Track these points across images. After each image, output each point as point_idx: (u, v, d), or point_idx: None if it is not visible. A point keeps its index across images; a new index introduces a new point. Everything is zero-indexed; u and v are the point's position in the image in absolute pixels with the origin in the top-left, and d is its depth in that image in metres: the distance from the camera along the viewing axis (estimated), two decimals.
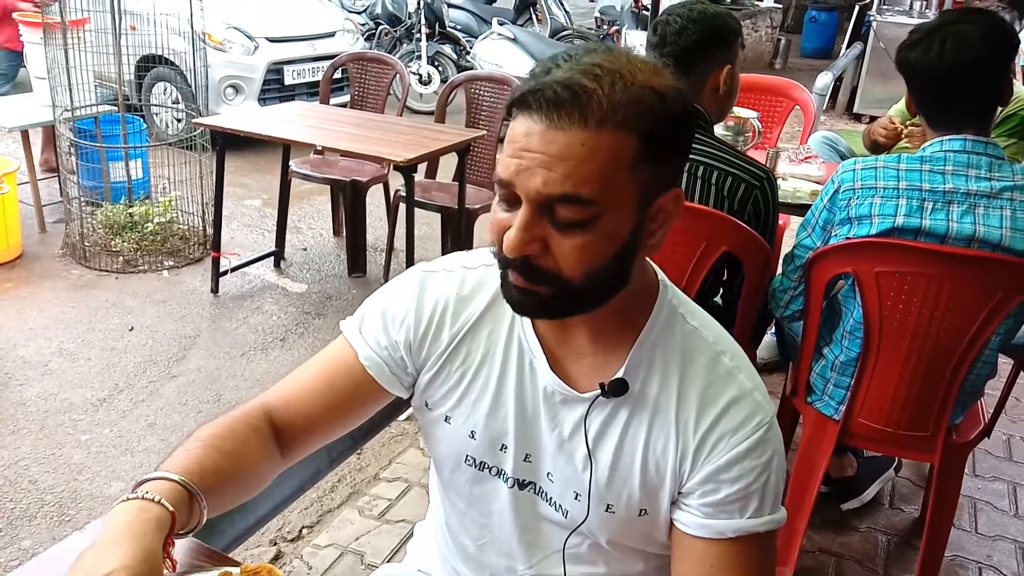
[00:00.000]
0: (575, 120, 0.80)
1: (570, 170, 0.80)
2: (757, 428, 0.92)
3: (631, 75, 0.83)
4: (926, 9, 8.08)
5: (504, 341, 1.00)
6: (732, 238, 1.88)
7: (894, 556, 2.34)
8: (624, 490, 0.97)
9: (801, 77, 4.42)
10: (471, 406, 1.02)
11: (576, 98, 0.80)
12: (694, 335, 0.96)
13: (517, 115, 0.84)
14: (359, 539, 2.31)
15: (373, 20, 8.20)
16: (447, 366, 1.03)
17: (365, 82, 4.32)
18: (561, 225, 0.83)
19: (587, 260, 0.85)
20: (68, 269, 3.97)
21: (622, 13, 8.06)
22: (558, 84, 0.81)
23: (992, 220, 1.74)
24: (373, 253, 4.31)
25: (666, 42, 1.90)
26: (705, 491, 0.93)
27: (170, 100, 5.59)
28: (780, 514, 0.95)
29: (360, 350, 1.04)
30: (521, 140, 0.83)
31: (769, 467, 0.93)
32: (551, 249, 0.84)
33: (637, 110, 0.81)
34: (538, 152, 0.81)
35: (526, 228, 0.83)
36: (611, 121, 0.80)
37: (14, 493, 2.47)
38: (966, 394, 1.92)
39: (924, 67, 1.83)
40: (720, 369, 0.94)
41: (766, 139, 3.18)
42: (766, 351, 3.09)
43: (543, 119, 0.81)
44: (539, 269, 0.85)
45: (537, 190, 0.81)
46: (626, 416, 0.95)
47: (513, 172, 0.83)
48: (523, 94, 0.83)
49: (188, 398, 3.01)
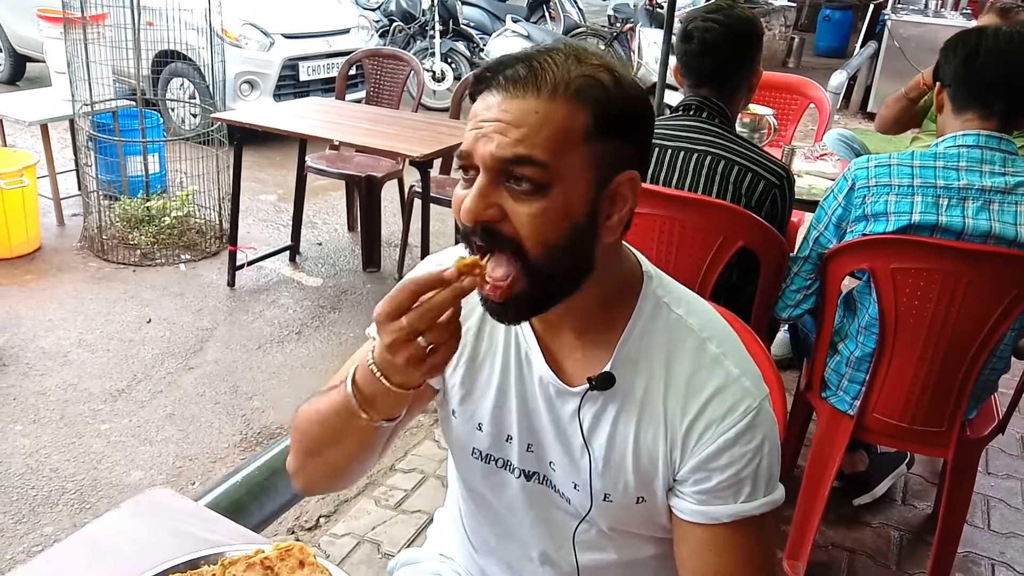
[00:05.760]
0: (529, 90, 0.85)
1: (523, 135, 0.84)
2: (745, 414, 0.93)
3: (586, 57, 0.88)
4: (941, 8, 8.05)
5: (504, 335, 1.03)
6: (750, 233, 1.90)
7: (907, 552, 2.35)
8: (619, 480, 0.98)
9: (815, 76, 4.42)
10: (477, 400, 1.05)
11: (531, 71, 0.85)
12: (679, 324, 0.97)
13: (478, 96, 0.89)
14: (375, 528, 2.34)
15: (387, 17, 8.23)
16: (455, 358, 1.04)
17: (380, 78, 4.35)
18: (517, 192, 0.85)
19: (543, 229, 0.86)
20: (86, 262, 4.02)
21: (636, 10, 8.04)
22: (516, 61, 0.87)
23: (1007, 216, 1.75)
24: (387, 248, 4.34)
25: (707, 49, 1.91)
26: (697, 479, 0.95)
27: (186, 95, 5.63)
28: (776, 494, 0.96)
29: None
30: (480, 113, 0.87)
31: (760, 451, 0.94)
32: (508, 217, 0.86)
33: (589, 83, 0.86)
34: (494, 120, 0.85)
35: (482, 194, 0.86)
36: (563, 92, 0.85)
37: (36, 481, 2.51)
38: (980, 389, 1.93)
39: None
40: (705, 357, 0.95)
41: (781, 136, 3.19)
42: (779, 348, 3.10)
43: (500, 92, 0.86)
44: (500, 234, 0.87)
45: (491, 153, 0.84)
46: (616, 409, 0.97)
47: (471, 141, 0.87)
48: (483, 72, 0.88)
49: (205, 389, 3.04)
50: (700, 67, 1.94)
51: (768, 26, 9.57)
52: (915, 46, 7.05)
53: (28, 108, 4.30)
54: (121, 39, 4.05)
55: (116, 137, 4.26)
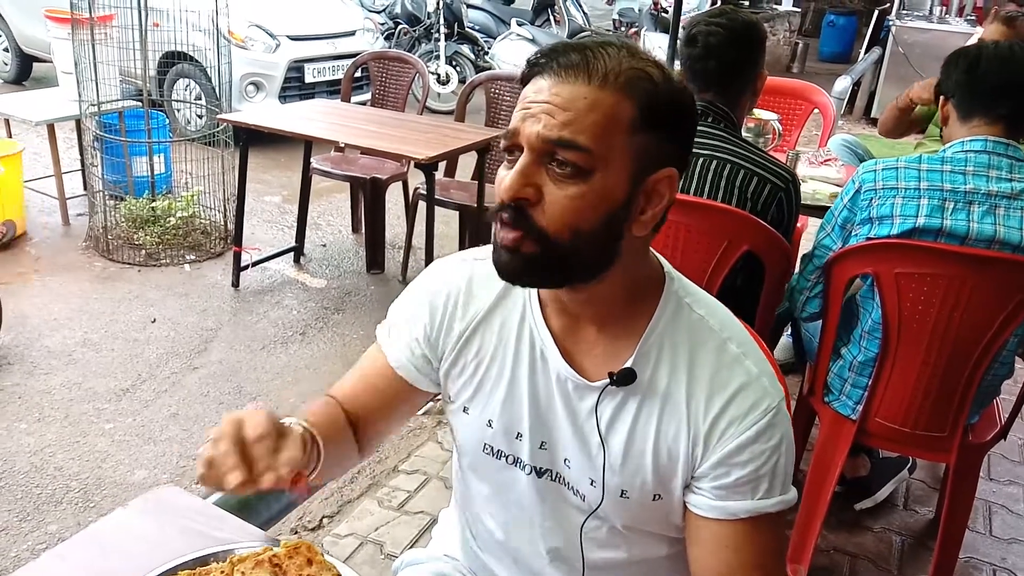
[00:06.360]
0: (580, 76, 0.87)
1: (570, 119, 0.86)
2: (765, 413, 0.94)
3: (638, 52, 0.91)
4: (946, 14, 8.06)
5: (516, 332, 1.04)
6: (754, 237, 1.91)
7: (908, 556, 2.35)
8: (637, 476, 0.99)
9: (819, 81, 4.43)
10: (487, 396, 1.06)
11: (584, 59, 0.87)
12: (700, 323, 0.98)
13: (529, 80, 0.91)
14: (378, 529, 2.34)
15: (392, 19, 8.25)
16: (462, 358, 1.07)
17: (386, 81, 4.36)
18: (557, 175, 0.87)
19: (576, 214, 0.87)
20: (91, 261, 4.03)
21: (641, 15, 8.07)
22: (570, 48, 0.89)
23: (1012, 221, 1.75)
24: (391, 250, 4.35)
25: (711, 53, 1.92)
26: (717, 475, 0.96)
27: (192, 96, 5.65)
28: (790, 495, 0.98)
29: (389, 355, 1.11)
30: (530, 96, 0.89)
31: (779, 450, 0.96)
32: (544, 201, 0.88)
33: (638, 76, 0.88)
34: (543, 102, 0.87)
35: (524, 172, 0.88)
36: (613, 83, 0.87)
37: (40, 479, 2.52)
38: (983, 394, 1.94)
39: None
40: (727, 356, 0.97)
41: (785, 141, 3.20)
42: (782, 353, 3.10)
43: (552, 76, 0.88)
44: (528, 219, 0.88)
45: (537, 132, 0.86)
46: (636, 405, 0.98)
47: (519, 120, 0.89)
48: (537, 57, 0.91)
49: (209, 389, 3.05)
50: (704, 71, 1.95)
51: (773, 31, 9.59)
52: (919, 52, 7.07)
53: (35, 108, 4.32)
54: (128, 40, 4.07)
55: (122, 137, 4.27)
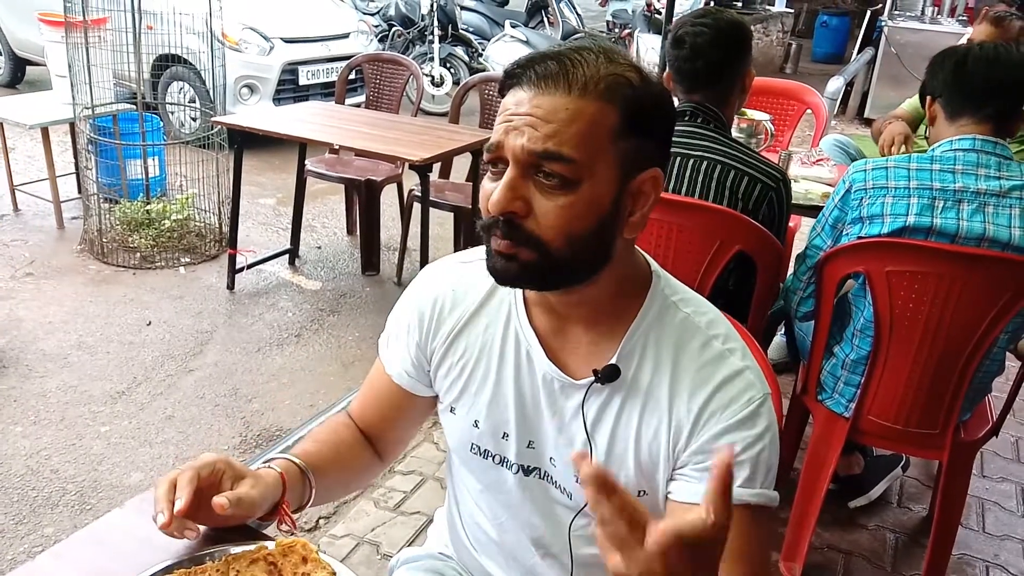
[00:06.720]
0: (560, 87, 0.87)
1: (554, 130, 0.86)
2: (748, 403, 0.95)
3: (615, 56, 0.91)
4: (938, 15, 8.09)
5: (501, 333, 1.05)
6: (746, 237, 1.92)
7: (902, 553, 2.36)
8: (621, 472, 1.00)
9: (812, 82, 4.44)
10: (473, 397, 1.07)
11: (563, 68, 0.87)
12: (687, 322, 0.99)
13: (508, 91, 0.91)
14: (375, 530, 2.35)
15: (386, 22, 8.25)
16: (448, 359, 1.08)
17: (380, 83, 4.37)
18: (545, 186, 0.88)
19: (568, 223, 0.88)
20: (86, 265, 4.03)
21: (634, 16, 8.09)
22: (547, 57, 0.89)
23: (1001, 219, 1.77)
24: (386, 252, 4.36)
25: (699, 53, 1.93)
26: (698, 460, 0.96)
27: (186, 99, 5.65)
28: (772, 492, 0.97)
29: (387, 365, 1.14)
30: (511, 108, 0.89)
31: (762, 440, 0.95)
32: (534, 212, 0.88)
33: (617, 82, 0.88)
34: (525, 114, 0.87)
35: (511, 187, 0.88)
36: (593, 91, 0.87)
37: (36, 482, 2.52)
38: (974, 391, 1.95)
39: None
40: (712, 352, 0.97)
41: (778, 142, 3.21)
42: (775, 352, 3.11)
43: (531, 88, 0.88)
44: (522, 230, 0.89)
45: (522, 146, 0.87)
46: (620, 402, 0.99)
47: (502, 133, 0.89)
48: (514, 68, 0.90)
49: (205, 391, 3.06)
50: (692, 71, 1.96)
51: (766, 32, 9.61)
52: (911, 52, 7.09)
53: (28, 111, 4.32)
54: (121, 43, 4.07)
55: (116, 140, 4.27)
